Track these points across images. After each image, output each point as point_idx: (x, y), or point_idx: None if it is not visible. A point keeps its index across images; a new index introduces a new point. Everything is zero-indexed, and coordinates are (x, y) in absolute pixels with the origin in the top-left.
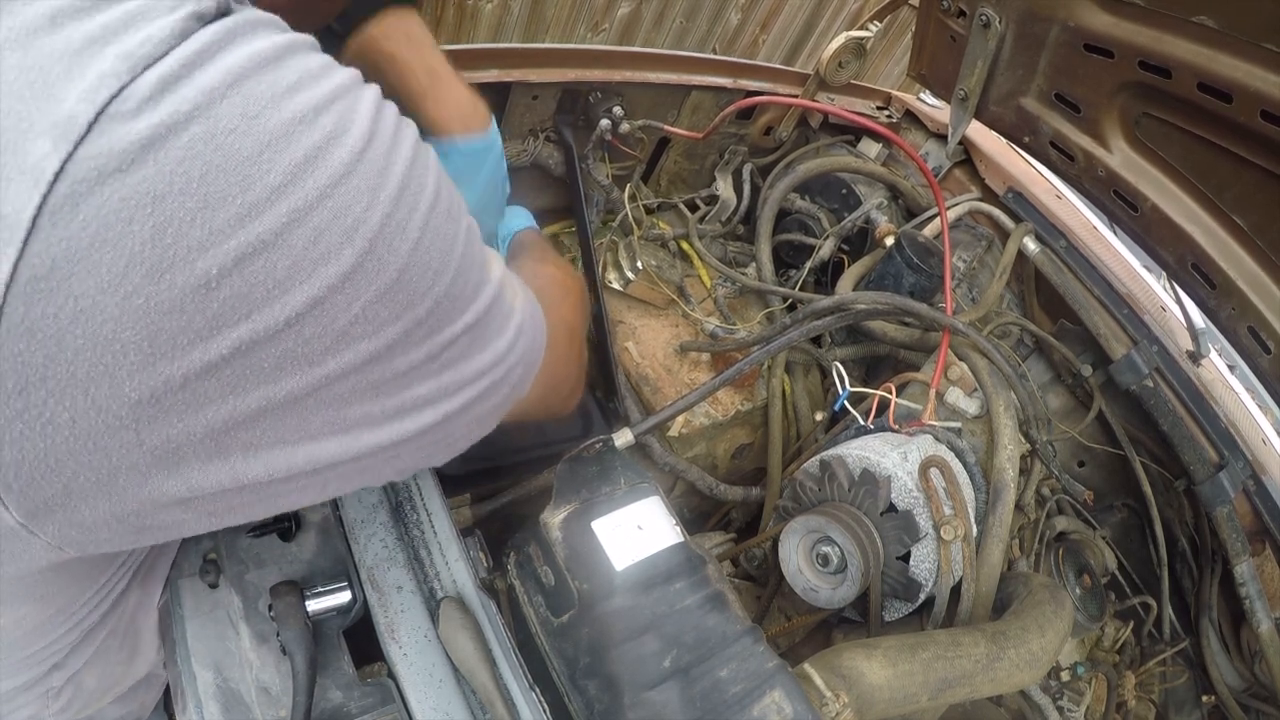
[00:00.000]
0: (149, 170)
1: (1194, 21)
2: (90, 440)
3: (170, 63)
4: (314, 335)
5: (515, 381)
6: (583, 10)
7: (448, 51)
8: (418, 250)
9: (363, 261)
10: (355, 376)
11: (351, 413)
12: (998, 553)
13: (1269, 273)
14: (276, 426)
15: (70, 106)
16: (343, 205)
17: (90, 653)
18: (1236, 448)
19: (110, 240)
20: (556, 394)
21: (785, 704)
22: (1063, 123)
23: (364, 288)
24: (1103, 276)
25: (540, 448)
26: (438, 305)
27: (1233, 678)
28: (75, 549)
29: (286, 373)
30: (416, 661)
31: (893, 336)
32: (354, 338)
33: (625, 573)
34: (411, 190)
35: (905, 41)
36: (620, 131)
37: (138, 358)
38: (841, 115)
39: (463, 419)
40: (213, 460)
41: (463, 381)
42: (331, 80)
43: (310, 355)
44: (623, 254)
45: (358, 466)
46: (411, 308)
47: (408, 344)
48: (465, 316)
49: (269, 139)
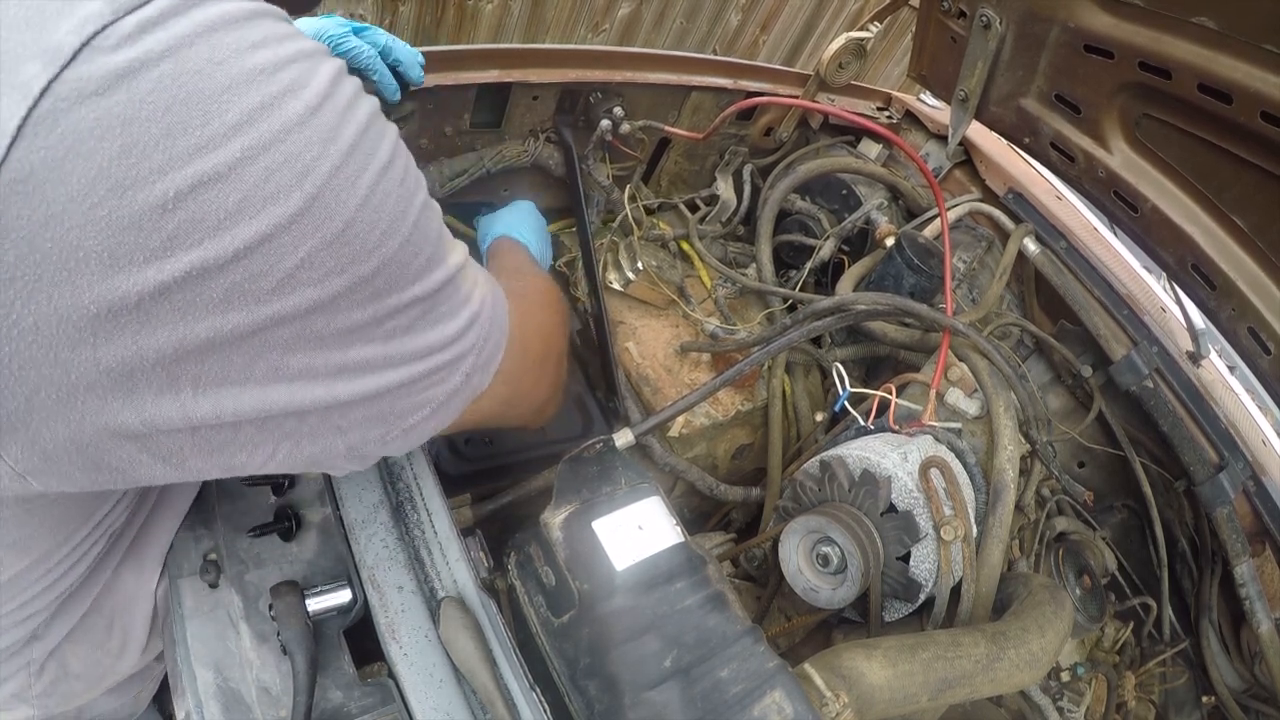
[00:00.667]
0: (121, 96)
1: (1194, 22)
2: (52, 350)
3: (149, 10)
4: (260, 272)
5: (468, 370)
6: (583, 11)
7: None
8: (365, 207)
9: (310, 206)
10: (299, 323)
11: (295, 361)
12: (998, 553)
13: (1269, 273)
14: (223, 364)
15: (60, 37)
16: (294, 151)
17: (71, 627)
18: (1236, 448)
19: (83, 153)
20: (528, 401)
21: (785, 704)
22: (1063, 123)
23: (310, 232)
24: (1103, 277)
25: (540, 448)
26: (384, 267)
27: (1233, 678)
28: (39, 480)
29: (234, 307)
30: (417, 661)
31: (893, 337)
32: (299, 283)
33: (626, 573)
34: (363, 150)
35: (905, 42)
36: (620, 132)
37: (98, 268)
38: (842, 116)
39: (409, 397)
40: (164, 392)
41: (407, 355)
42: (295, 45)
43: (256, 293)
44: (623, 254)
45: (304, 427)
46: (356, 263)
47: (352, 300)
48: (414, 288)
49: (230, 83)
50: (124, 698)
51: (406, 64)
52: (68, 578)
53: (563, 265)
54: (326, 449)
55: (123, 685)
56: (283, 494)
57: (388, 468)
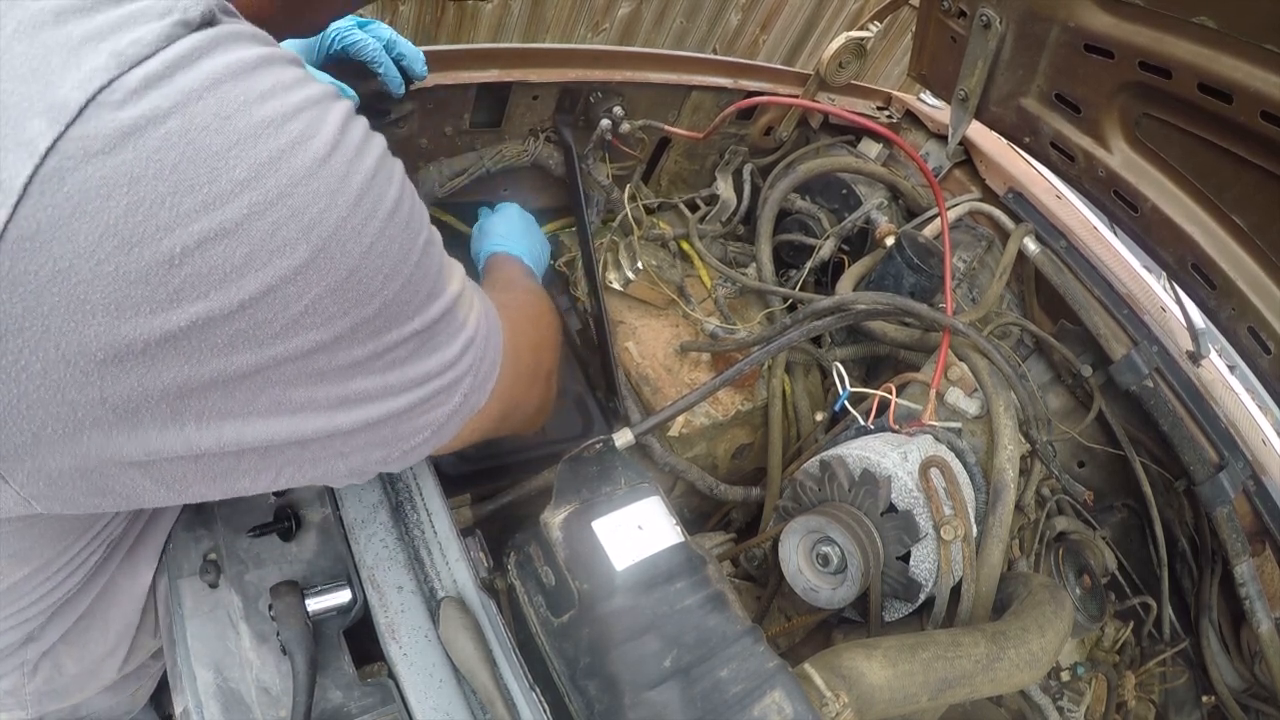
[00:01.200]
0: (128, 155)
1: (1194, 22)
2: (59, 391)
3: (155, 64)
4: (265, 320)
5: (466, 391)
6: (583, 10)
7: (448, 51)
8: (370, 255)
9: (315, 258)
10: (302, 362)
11: (297, 395)
12: (998, 553)
13: (1269, 273)
14: (227, 399)
15: (65, 93)
16: (301, 204)
17: (65, 629)
18: (1236, 448)
19: (90, 212)
20: (520, 413)
21: (785, 704)
22: (1063, 123)
23: (315, 282)
24: (1103, 277)
25: (540, 447)
26: (386, 308)
27: (1233, 678)
28: (43, 504)
29: (239, 350)
30: (417, 661)
31: (893, 337)
32: (303, 327)
33: (626, 573)
34: (370, 198)
35: (905, 42)
36: (620, 131)
37: (104, 318)
38: (842, 115)
39: (409, 421)
40: (169, 425)
41: (407, 383)
42: (303, 91)
43: (261, 337)
44: (623, 254)
45: (306, 454)
46: (359, 306)
47: (354, 339)
48: (413, 323)
49: (238, 138)
50: (120, 696)
51: (410, 58)
52: (65, 585)
53: (563, 265)
54: (328, 471)
55: (118, 684)
56: (282, 494)
57: None
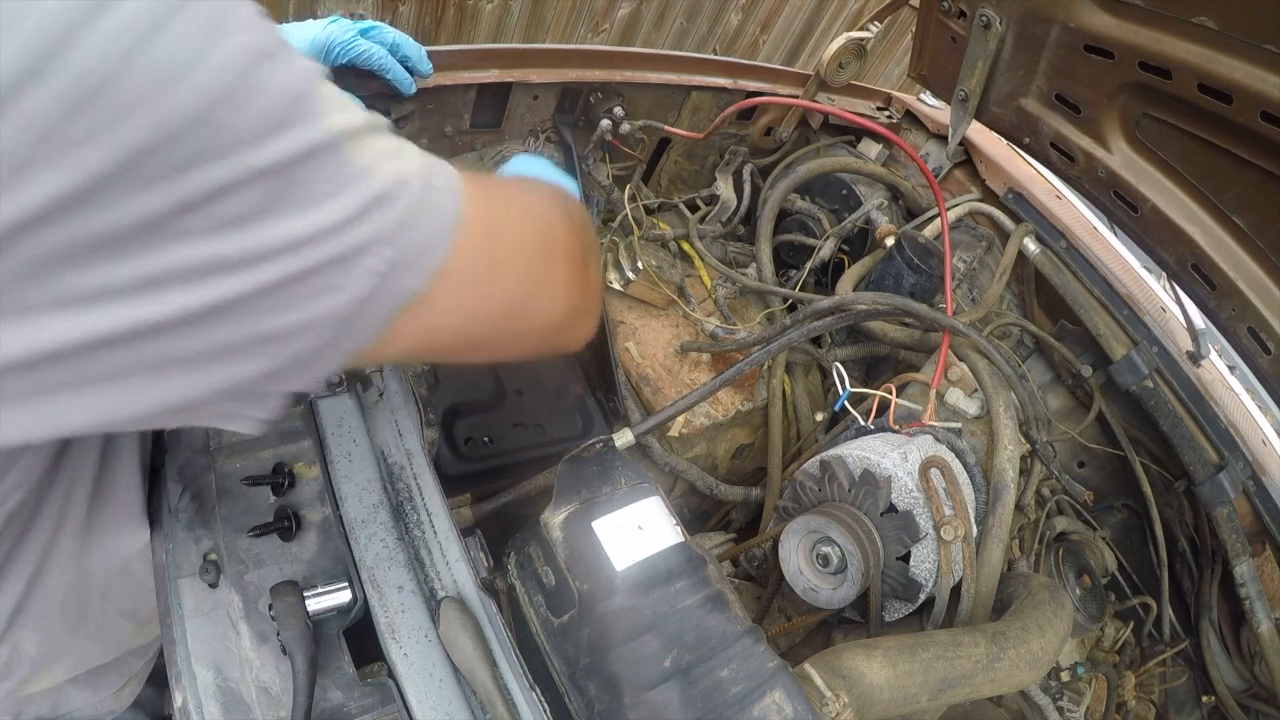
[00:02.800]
0: None
1: (1194, 22)
2: None
3: None
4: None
5: (380, 269)
6: (583, 10)
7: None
8: (130, 54)
9: (25, 62)
10: (59, 225)
11: (76, 278)
12: (998, 553)
13: (1269, 273)
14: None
15: None
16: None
17: (10, 607)
18: (1236, 448)
19: None
20: (528, 312)
21: (785, 704)
22: (1063, 123)
23: (26, 90)
24: (1103, 277)
25: (540, 447)
26: (178, 132)
27: (1233, 678)
28: None
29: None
30: (417, 661)
31: (893, 337)
32: (33, 163)
33: (626, 573)
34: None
35: (905, 42)
36: (620, 132)
37: None
38: (842, 116)
39: (284, 310)
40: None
41: (258, 252)
42: None
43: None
44: (623, 254)
45: (127, 362)
46: (117, 125)
47: (130, 183)
48: (247, 156)
49: None
50: (101, 693)
51: (415, 59)
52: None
53: None
54: (187, 394)
55: (96, 676)
56: (282, 494)
57: (387, 468)
